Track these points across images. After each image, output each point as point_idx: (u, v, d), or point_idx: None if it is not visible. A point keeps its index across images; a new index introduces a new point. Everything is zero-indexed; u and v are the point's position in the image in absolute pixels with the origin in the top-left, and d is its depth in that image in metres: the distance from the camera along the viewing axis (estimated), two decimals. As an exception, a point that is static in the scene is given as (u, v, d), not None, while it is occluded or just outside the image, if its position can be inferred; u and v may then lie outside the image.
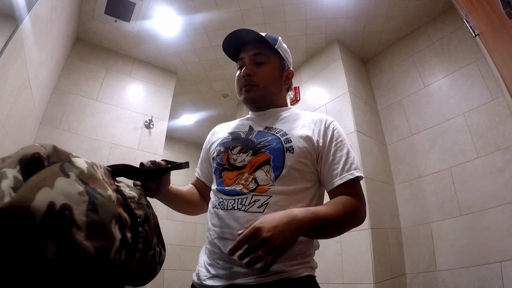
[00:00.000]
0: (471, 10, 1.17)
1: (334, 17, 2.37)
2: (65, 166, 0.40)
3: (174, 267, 3.32)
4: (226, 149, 0.78)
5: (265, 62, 0.82)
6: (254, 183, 0.69)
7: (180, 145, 4.33)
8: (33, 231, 0.31)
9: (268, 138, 0.75)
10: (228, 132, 0.85)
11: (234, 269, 0.63)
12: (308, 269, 0.66)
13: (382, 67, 2.69)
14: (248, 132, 0.81)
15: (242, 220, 0.66)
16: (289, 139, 0.74)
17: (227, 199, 0.70)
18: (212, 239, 0.69)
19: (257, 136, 0.78)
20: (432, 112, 2.20)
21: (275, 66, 0.84)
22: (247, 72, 0.80)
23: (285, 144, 0.72)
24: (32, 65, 1.57)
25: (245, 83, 0.81)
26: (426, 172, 2.13)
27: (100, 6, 2.23)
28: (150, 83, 2.84)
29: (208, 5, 2.27)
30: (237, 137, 0.81)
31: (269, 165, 0.70)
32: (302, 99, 2.73)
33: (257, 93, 0.81)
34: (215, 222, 0.71)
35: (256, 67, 0.81)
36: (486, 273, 1.63)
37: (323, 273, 1.98)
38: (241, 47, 0.85)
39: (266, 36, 0.82)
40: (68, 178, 0.38)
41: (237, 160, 0.74)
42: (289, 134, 0.75)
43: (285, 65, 0.87)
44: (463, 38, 2.12)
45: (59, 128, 2.18)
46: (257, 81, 0.80)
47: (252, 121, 0.85)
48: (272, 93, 0.84)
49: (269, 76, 0.82)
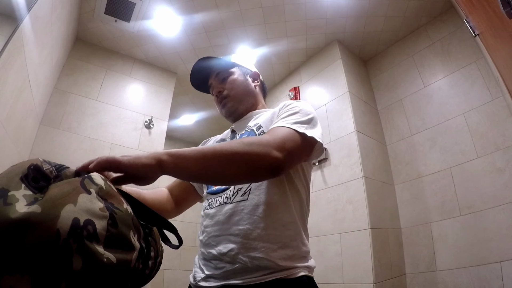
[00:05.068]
0: (471, 10, 1.17)
1: (334, 17, 2.37)
2: (85, 182, 0.43)
3: (174, 267, 3.32)
4: None
5: (227, 76, 0.89)
6: None
7: (180, 145, 4.33)
8: (60, 246, 0.34)
9: (246, 135, 0.80)
10: (216, 142, 0.92)
11: (227, 267, 0.63)
12: (304, 269, 0.64)
13: (382, 67, 2.69)
14: (231, 136, 0.87)
15: (230, 213, 0.67)
16: (260, 126, 0.78)
17: (215, 197, 0.74)
18: (206, 240, 0.70)
19: (238, 137, 0.83)
20: (432, 112, 2.20)
21: (237, 74, 0.90)
22: (217, 90, 0.88)
23: (257, 132, 0.77)
24: (32, 65, 1.57)
25: (220, 101, 0.88)
26: (426, 172, 2.13)
27: (100, 6, 2.23)
28: (150, 83, 2.84)
29: (208, 5, 2.27)
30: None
31: None
32: (302, 99, 2.73)
33: (232, 102, 0.87)
34: (207, 223, 0.72)
35: (222, 83, 0.89)
36: (486, 273, 1.63)
37: (323, 273, 1.98)
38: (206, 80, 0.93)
39: (220, 59, 0.91)
40: (90, 195, 0.41)
41: None
42: (263, 125, 0.78)
43: (246, 70, 0.93)
44: (463, 38, 2.12)
45: (59, 128, 2.18)
46: (227, 93, 0.87)
47: (236, 127, 0.90)
48: (244, 97, 0.89)
49: (235, 83, 0.88)
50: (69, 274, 0.35)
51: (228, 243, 0.64)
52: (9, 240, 0.32)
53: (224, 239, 0.66)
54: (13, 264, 0.32)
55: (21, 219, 0.33)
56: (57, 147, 2.11)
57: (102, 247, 0.38)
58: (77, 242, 0.35)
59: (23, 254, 0.33)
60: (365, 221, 1.88)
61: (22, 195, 0.36)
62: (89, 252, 0.36)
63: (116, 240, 0.40)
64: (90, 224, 0.37)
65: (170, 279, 3.26)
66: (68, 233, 0.35)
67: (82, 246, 0.36)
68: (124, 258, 0.41)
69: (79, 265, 0.35)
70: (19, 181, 0.38)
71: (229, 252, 0.63)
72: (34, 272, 0.33)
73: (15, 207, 0.34)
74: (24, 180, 0.39)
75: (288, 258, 0.62)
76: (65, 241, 0.34)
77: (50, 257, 0.34)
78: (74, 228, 0.35)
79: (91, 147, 2.26)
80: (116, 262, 0.39)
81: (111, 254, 0.39)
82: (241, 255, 0.62)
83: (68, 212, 0.36)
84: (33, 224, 0.34)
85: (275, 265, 0.60)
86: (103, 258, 0.37)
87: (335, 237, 2.02)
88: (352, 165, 2.09)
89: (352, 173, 2.07)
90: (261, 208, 0.65)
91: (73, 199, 0.38)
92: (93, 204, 0.40)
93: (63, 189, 0.39)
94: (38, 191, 0.39)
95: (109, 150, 2.34)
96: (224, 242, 0.65)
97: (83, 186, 0.41)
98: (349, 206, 2.00)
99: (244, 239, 0.63)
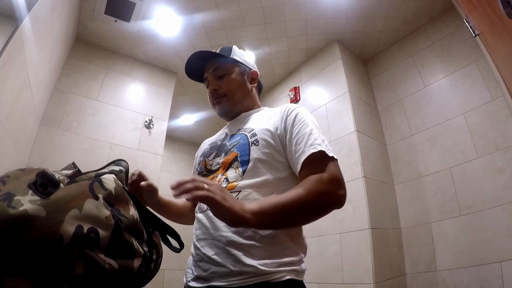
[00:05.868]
0: (471, 10, 1.17)
1: (334, 17, 2.37)
2: (94, 186, 0.42)
3: (174, 267, 3.32)
4: (204, 158, 0.85)
5: (225, 73, 0.86)
6: (225, 182, 0.72)
7: (180, 145, 4.33)
8: (63, 250, 0.35)
9: (237, 138, 0.79)
10: (209, 144, 0.91)
11: (212, 269, 0.64)
12: (291, 272, 0.63)
13: (382, 67, 2.69)
14: (223, 139, 0.87)
15: (214, 219, 0.68)
16: (254, 133, 0.76)
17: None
18: (194, 242, 0.73)
19: (229, 139, 0.82)
20: (432, 112, 2.20)
21: (235, 73, 0.88)
22: (212, 88, 0.86)
23: (250, 139, 0.75)
24: (32, 65, 1.57)
25: (214, 98, 0.87)
26: (426, 172, 2.13)
27: (100, 6, 2.23)
28: (150, 83, 2.84)
29: (208, 5, 2.27)
30: (214, 146, 0.87)
31: (237, 161, 0.73)
32: (302, 99, 2.73)
33: (227, 102, 0.86)
34: (196, 226, 0.75)
35: (218, 80, 0.86)
36: (486, 273, 1.63)
37: (323, 273, 1.98)
38: (203, 69, 0.90)
39: (220, 50, 0.88)
40: (97, 201, 0.41)
41: (212, 165, 0.79)
42: (256, 129, 0.77)
43: (245, 69, 0.90)
44: (463, 38, 2.12)
45: (59, 128, 2.18)
46: (223, 92, 0.86)
47: (228, 128, 0.90)
48: (240, 99, 0.88)
49: (232, 84, 0.86)
50: (71, 278, 0.35)
51: (212, 247, 0.66)
52: (8, 236, 0.32)
53: (209, 243, 0.67)
54: (14, 264, 0.32)
55: (20, 216, 0.33)
56: (57, 147, 2.11)
57: (103, 255, 0.38)
58: (79, 249, 0.36)
59: (23, 254, 0.33)
60: (365, 221, 1.88)
61: (28, 200, 0.36)
62: (91, 258, 0.37)
63: (119, 248, 0.41)
64: (94, 232, 0.37)
65: (170, 279, 3.26)
66: (70, 240, 0.35)
67: (84, 253, 0.36)
68: (126, 265, 0.41)
69: (81, 270, 0.36)
70: (27, 188, 0.39)
71: (213, 256, 0.64)
72: (35, 274, 0.33)
73: (18, 209, 0.34)
74: (32, 186, 0.39)
75: (271, 263, 0.62)
76: (67, 246, 0.35)
77: (52, 260, 0.34)
78: (77, 235, 0.36)
79: (91, 147, 2.26)
80: (118, 268, 0.39)
81: (112, 261, 0.39)
82: (224, 259, 0.63)
83: (73, 218, 0.36)
84: (31, 221, 0.33)
85: (257, 270, 0.60)
86: (105, 264, 0.38)
87: (335, 237, 2.02)
88: (352, 165, 2.09)
89: (352, 173, 2.07)
90: None
91: (79, 204, 0.38)
92: (99, 212, 0.40)
93: (71, 192, 0.39)
94: (46, 196, 0.38)
95: (109, 150, 2.34)
96: (209, 246, 0.67)
97: (91, 190, 0.41)
98: (349, 206, 2.00)
99: (226, 246, 0.64)
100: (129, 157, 2.41)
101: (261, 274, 0.60)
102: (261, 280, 0.60)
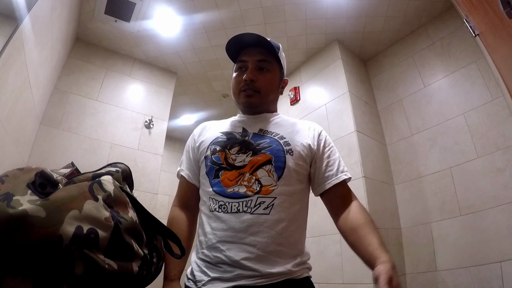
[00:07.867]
0: (471, 10, 1.17)
1: (334, 17, 2.37)
2: (94, 188, 0.42)
3: (174, 267, 3.32)
4: (223, 148, 0.77)
5: (268, 69, 0.82)
6: (258, 184, 0.70)
7: (180, 145, 4.33)
8: (63, 251, 0.35)
9: (267, 140, 0.77)
10: (221, 132, 0.83)
11: (236, 272, 0.63)
12: (307, 270, 0.71)
13: (382, 67, 2.69)
14: (243, 134, 0.81)
15: (248, 223, 0.67)
16: (287, 142, 0.77)
17: (230, 201, 0.69)
18: (213, 243, 0.68)
19: (253, 138, 0.79)
20: (432, 112, 2.20)
21: (276, 75, 0.85)
22: (250, 77, 0.79)
23: (285, 147, 0.76)
24: (32, 65, 1.56)
25: (246, 87, 0.80)
26: (426, 172, 2.12)
27: (100, 6, 2.23)
28: (150, 83, 2.83)
29: (208, 5, 2.27)
30: (232, 138, 0.80)
31: (271, 165, 0.72)
32: (302, 99, 2.73)
33: (258, 100, 0.82)
34: (216, 226, 0.69)
35: (259, 73, 0.81)
36: (486, 273, 1.63)
37: (323, 273, 1.98)
38: (241, 49, 0.85)
39: (271, 42, 0.82)
40: (97, 202, 0.41)
41: (236, 160, 0.74)
42: (287, 138, 0.78)
43: (283, 74, 0.89)
44: (463, 38, 2.11)
45: (59, 128, 2.18)
46: (259, 87, 0.80)
47: (244, 123, 0.85)
48: (270, 101, 0.87)
49: (271, 84, 0.83)
50: (71, 278, 0.35)
51: (241, 251, 0.65)
52: (7, 236, 0.32)
53: (237, 246, 0.65)
54: (13, 264, 0.32)
55: (20, 216, 0.33)
56: (57, 147, 2.11)
57: (103, 255, 0.38)
58: (79, 249, 0.36)
59: (23, 255, 0.33)
60: (365, 221, 1.88)
61: (27, 200, 0.36)
62: (91, 259, 0.37)
63: (118, 249, 0.41)
64: (93, 233, 0.38)
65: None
66: (70, 240, 0.35)
67: (83, 253, 0.36)
68: (125, 266, 0.41)
69: (80, 270, 0.36)
70: (26, 188, 0.38)
71: (242, 260, 0.64)
72: (35, 274, 0.33)
73: (17, 209, 0.34)
74: (31, 186, 0.39)
75: (294, 264, 0.68)
76: (67, 247, 0.35)
77: (52, 261, 0.34)
78: (77, 236, 0.36)
79: (91, 147, 2.26)
80: (118, 269, 0.40)
81: (112, 262, 0.39)
82: (254, 264, 0.64)
83: (72, 219, 0.36)
84: (31, 222, 0.34)
85: (284, 270, 0.65)
86: (104, 265, 0.38)
87: (335, 237, 2.02)
88: (352, 165, 2.09)
89: (352, 173, 2.04)
90: (281, 225, 0.68)
91: (79, 205, 0.38)
92: (99, 213, 0.40)
93: (71, 192, 0.39)
94: (45, 196, 0.38)
95: (109, 150, 2.34)
96: (237, 250, 0.65)
97: (91, 191, 0.41)
98: (349, 206, 2.00)
99: (260, 251, 0.65)
100: (129, 157, 2.41)
101: (287, 273, 0.65)
102: (286, 278, 0.65)
